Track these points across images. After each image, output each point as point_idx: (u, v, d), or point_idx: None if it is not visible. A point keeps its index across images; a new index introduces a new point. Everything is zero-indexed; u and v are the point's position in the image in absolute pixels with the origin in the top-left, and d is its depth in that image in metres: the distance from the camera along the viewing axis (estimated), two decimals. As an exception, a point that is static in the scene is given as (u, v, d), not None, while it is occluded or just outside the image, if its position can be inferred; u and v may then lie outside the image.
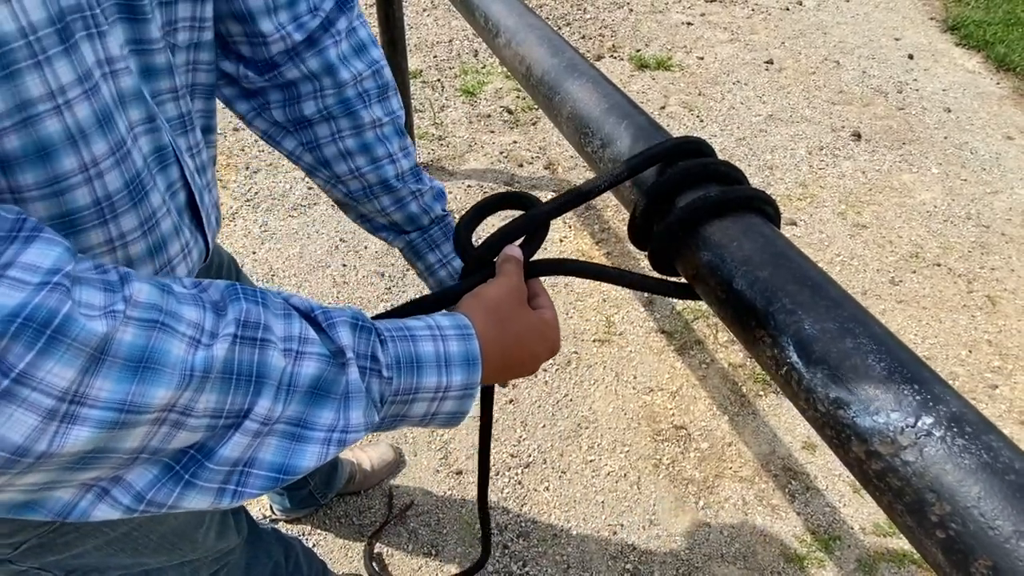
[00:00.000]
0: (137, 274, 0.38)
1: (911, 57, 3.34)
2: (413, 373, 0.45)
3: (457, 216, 0.81)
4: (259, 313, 0.40)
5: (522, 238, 0.63)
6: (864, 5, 3.80)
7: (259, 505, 1.57)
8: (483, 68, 3.05)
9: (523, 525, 1.58)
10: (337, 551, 1.52)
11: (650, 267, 0.66)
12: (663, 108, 2.92)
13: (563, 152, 2.64)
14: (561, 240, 2.30)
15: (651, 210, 0.62)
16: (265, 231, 2.24)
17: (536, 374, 1.88)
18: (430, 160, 2.55)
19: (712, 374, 1.92)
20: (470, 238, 0.63)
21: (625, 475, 1.69)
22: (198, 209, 0.63)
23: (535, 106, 2.86)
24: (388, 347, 0.45)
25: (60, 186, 0.46)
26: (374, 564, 1.47)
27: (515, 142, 2.68)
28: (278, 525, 1.54)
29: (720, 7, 3.68)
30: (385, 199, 0.76)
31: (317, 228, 2.26)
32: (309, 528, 1.55)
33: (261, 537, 1.04)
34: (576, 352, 1.95)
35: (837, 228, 2.41)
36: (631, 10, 3.59)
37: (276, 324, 0.40)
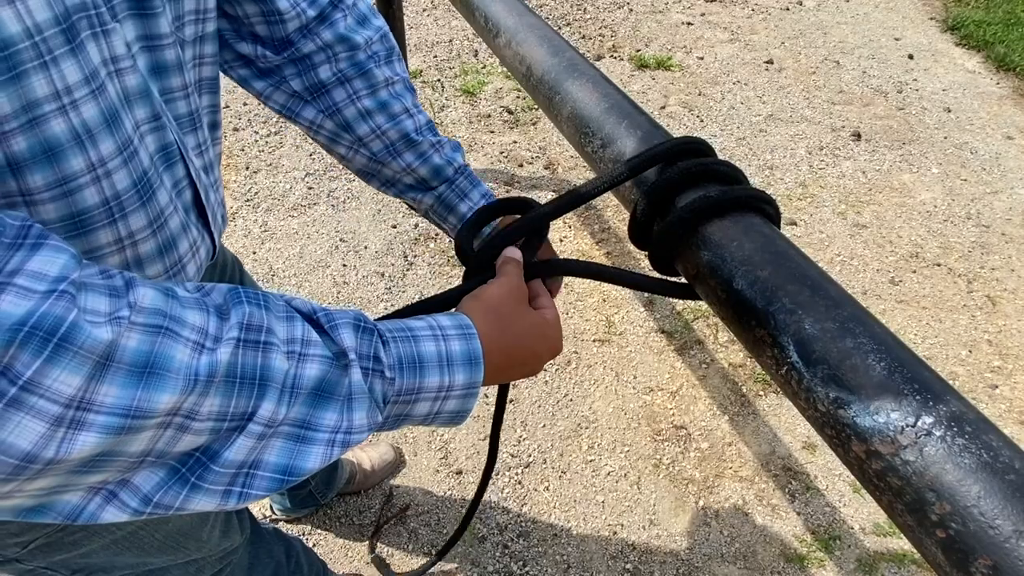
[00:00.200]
0: (141, 279, 0.38)
1: (911, 57, 3.34)
2: (416, 373, 0.45)
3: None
4: (262, 316, 0.40)
5: (522, 240, 0.63)
6: (864, 5, 3.80)
7: (259, 505, 1.57)
8: (483, 68, 3.05)
9: (523, 525, 1.58)
10: (337, 551, 1.52)
11: (650, 267, 0.66)
12: (663, 108, 2.92)
13: (563, 152, 2.64)
14: (561, 240, 2.30)
15: (651, 210, 0.62)
16: (265, 231, 2.24)
17: (536, 374, 1.88)
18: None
19: (712, 374, 1.92)
20: (471, 243, 0.63)
21: (625, 475, 1.69)
22: (204, 207, 0.63)
23: (535, 106, 2.86)
24: (390, 347, 0.45)
25: (69, 186, 0.46)
26: (375, 565, 1.47)
27: (515, 142, 2.68)
28: (278, 525, 1.54)
29: (720, 7, 3.68)
30: (408, 155, 0.76)
31: (317, 228, 2.26)
32: (309, 528, 1.55)
33: (263, 537, 1.05)
34: (576, 352, 1.95)
35: (837, 228, 2.41)
36: (631, 10, 3.59)
37: (279, 327, 0.40)
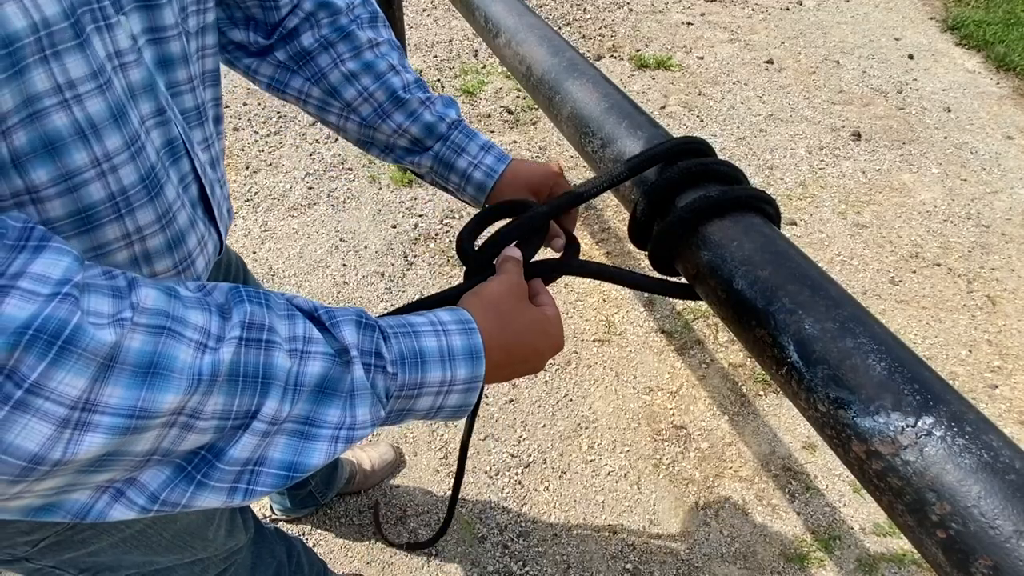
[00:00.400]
0: (144, 279, 0.38)
1: (911, 57, 3.34)
2: (417, 368, 0.45)
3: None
4: (263, 315, 0.40)
5: (522, 239, 0.63)
6: (864, 5, 3.80)
7: (259, 505, 1.57)
8: (483, 68, 3.05)
9: (523, 525, 1.58)
10: (337, 551, 1.52)
11: (650, 267, 0.66)
12: (663, 108, 2.92)
13: (563, 152, 2.64)
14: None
15: (651, 210, 0.62)
16: (265, 231, 2.24)
17: (536, 374, 1.88)
18: (430, 160, 2.55)
19: (712, 374, 1.92)
20: (472, 243, 0.64)
21: (625, 475, 1.69)
22: (210, 202, 0.63)
23: (535, 106, 2.86)
24: (392, 343, 0.45)
25: (74, 181, 0.46)
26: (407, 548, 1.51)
27: (515, 142, 2.68)
28: (278, 525, 1.54)
29: (720, 7, 3.67)
30: (398, 115, 0.76)
31: (317, 228, 2.26)
32: (309, 528, 1.55)
33: (266, 536, 1.05)
34: (576, 352, 1.95)
35: (837, 228, 2.41)
36: (631, 10, 3.58)
37: (280, 325, 0.41)
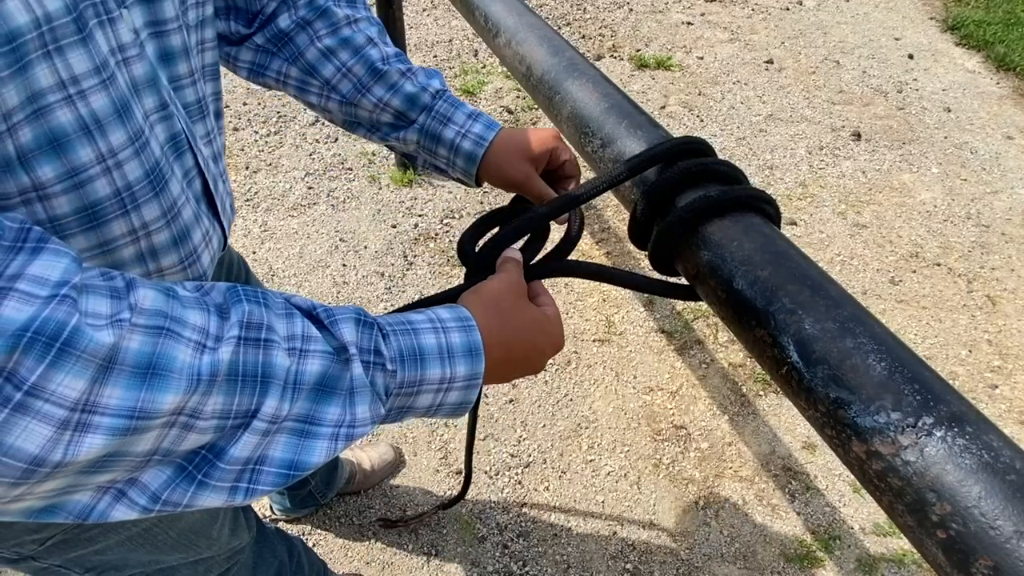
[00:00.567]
0: (142, 280, 0.38)
1: (911, 57, 3.34)
2: (417, 365, 0.45)
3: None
4: (262, 314, 0.40)
5: (523, 241, 0.63)
6: (864, 5, 3.80)
7: (259, 505, 1.57)
8: (483, 68, 3.05)
9: (523, 525, 1.58)
10: (337, 551, 1.52)
11: (650, 267, 0.66)
12: (663, 108, 2.92)
13: (563, 152, 2.64)
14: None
15: (651, 210, 0.62)
16: (265, 231, 2.24)
17: (536, 374, 1.88)
18: (430, 160, 2.55)
19: (712, 374, 1.92)
20: (472, 245, 0.64)
21: (625, 475, 1.69)
22: (213, 197, 0.63)
23: (535, 106, 2.85)
24: (391, 341, 0.45)
25: (79, 178, 0.46)
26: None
27: (515, 142, 2.68)
28: (279, 525, 1.54)
29: (720, 7, 3.67)
30: (378, 88, 0.74)
31: (317, 228, 2.26)
32: (309, 528, 1.55)
33: (267, 536, 1.05)
34: (576, 352, 1.95)
35: (837, 228, 2.41)
36: (631, 10, 3.58)
37: (279, 324, 0.41)
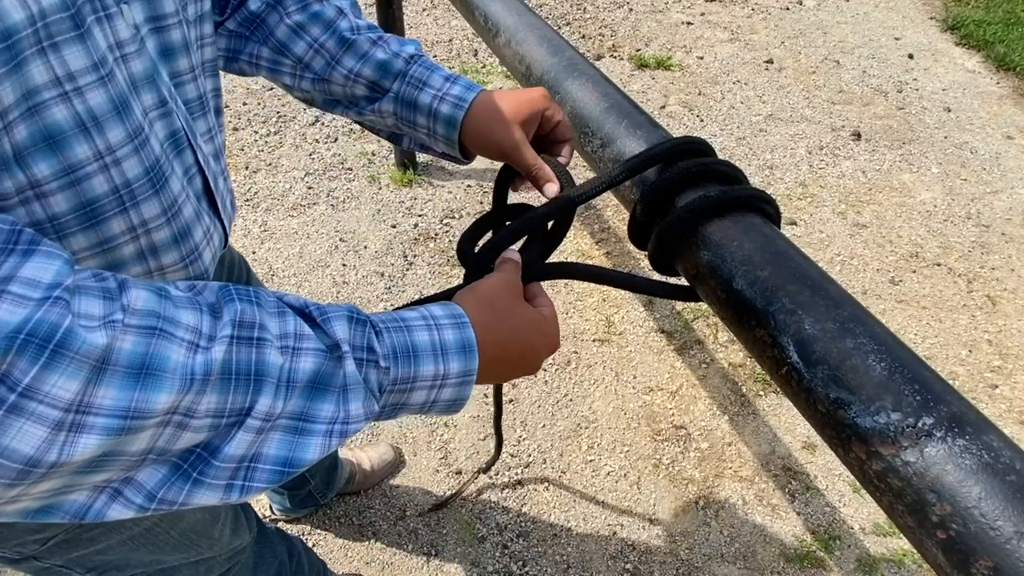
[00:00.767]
0: (134, 280, 0.38)
1: (911, 57, 3.34)
2: (410, 362, 0.45)
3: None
4: (254, 313, 0.40)
5: (521, 242, 0.63)
6: (864, 4, 3.79)
7: (259, 506, 1.57)
8: (483, 68, 3.05)
9: (523, 525, 1.58)
10: (337, 551, 1.52)
11: (650, 267, 0.66)
12: (663, 108, 2.92)
13: (563, 152, 2.64)
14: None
15: (651, 210, 0.62)
16: (265, 231, 2.24)
17: (536, 374, 1.88)
18: (429, 160, 2.55)
19: (712, 374, 1.92)
20: (472, 248, 0.64)
21: (625, 475, 1.69)
22: (213, 195, 0.63)
23: (535, 106, 2.85)
24: (384, 338, 0.45)
25: (76, 175, 0.46)
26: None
27: (515, 142, 2.68)
28: (278, 525, 1.54)
29: (720, 7, 3.67)
30: (348, 59, 0.71)
31: (317, 228, 2.26)
32: (309, 528, 1.55)
33: (267, 536, 1.05)
34: (576, 352, 1.95)
35: (837, 228, 2.40)
36: (631, 10, 3.58)
37: (271, 322, 0.41)
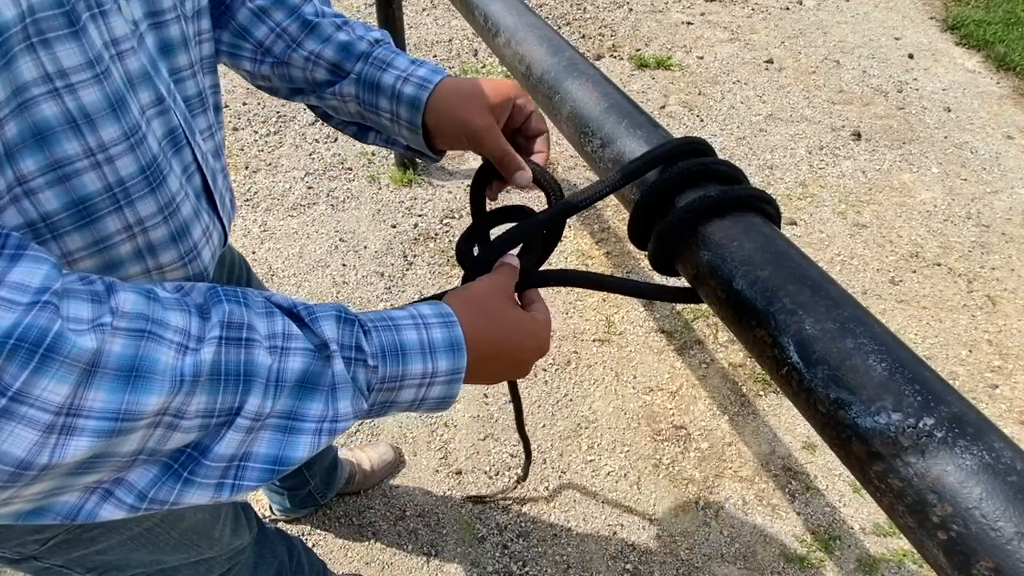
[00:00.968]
0: (122, 283, 0.38)
1: (911, 57, 3.34)
2: (398, 361, 0.46)
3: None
4: (242, 313, 0.41)
5: (519, 248, 0.63)
6: (864, 4, 3.79)
7: (259, 506, 1.57)
8: (483, 68, 3.05)
9: (523, 525, 1.58)
10: (337, 551, 1.52)
11: (650, 267, 0.65)
12: (663, 108, 2.92)
13: (563, 151, 2.64)
14: (561, 240, 2.29)
15: (651, 210, 0.61)
16: (265, 231, 2.24)
17: (536, 374, 1.88)
18: (430, 160, 2.55)
19: (712, 374, 1.92)
20: (471, 250, 0.63)
21: (625, 475, 1.69)
22: (212, 193, 0.63)
23: (535, 106, 2.84)
24: (372, 337, 0.45)
25: (65, 171, 0.46)
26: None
27: (515, 142, 2.68)
28: (278, 525, 1.54)
29: (720, 6, 3.67)
30: (309, 42, 0.68)
31: (316, 228, 2.26)
32: (309, 528, 1.55)
33: (267, 536, 1.05)
34: (576, 352, 1.95)
35: (837, 228, 2.40)
36: (631, 9, 3.58)
37: (259, 323, 0.41)
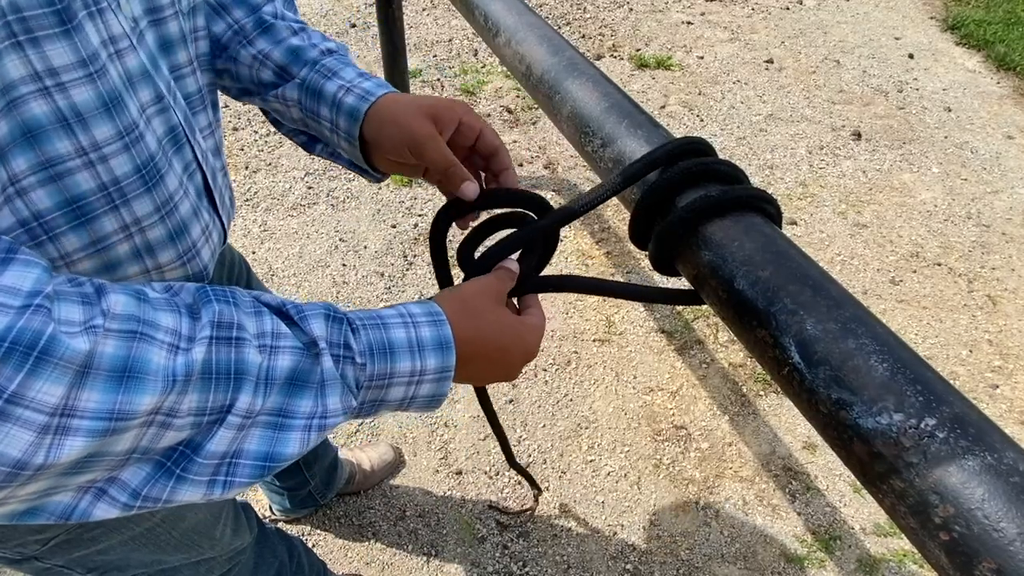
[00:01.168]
0: (111, 284, 0.38)
1: (911, 56, 3.34)
2: (386, 359, 0.46)
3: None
4: (232, 313, 0.41)
5: (519, 252, 0.63)
6: (864, 4, 3.79)
7: (259, 506, 1.57)
8: (483, 67, 3.05)
9: (523, 525, 1.58)
10: (337, 551, 1.52)
11: (650, 267, 0.65)
12: (663, 107, 2.92)
13: (563, 151, 2.64)
14: (561, 239, 2.29)
15: (652, 210, 0.61)
16: (264, 231, 2.24)
17: (536, 374, 1.88)
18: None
19: (712, 374, 1.92)
20: (472, 254, 0.63)
21: (625, 475, 1.69)
22: (212, 191, 0.63)
23: (535, 105, 2.85)
24: (360, 335, 0.46)
25: (56, 170, 0.46)
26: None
27: (515, 141, 2.68)
28: (278, 525, 1.54)
29: (720, 6, 3.67)
30: (261, 41, 0.67)
31: (316, 228, 2.26)
32: (309, 528, 1.55)
33: (268, 537, 1.05)
34: (576, 352, 1.95)
35: (837, 227, 2.40)
36: (631, 9, 3.58)
37: (249, 322, 0.41)
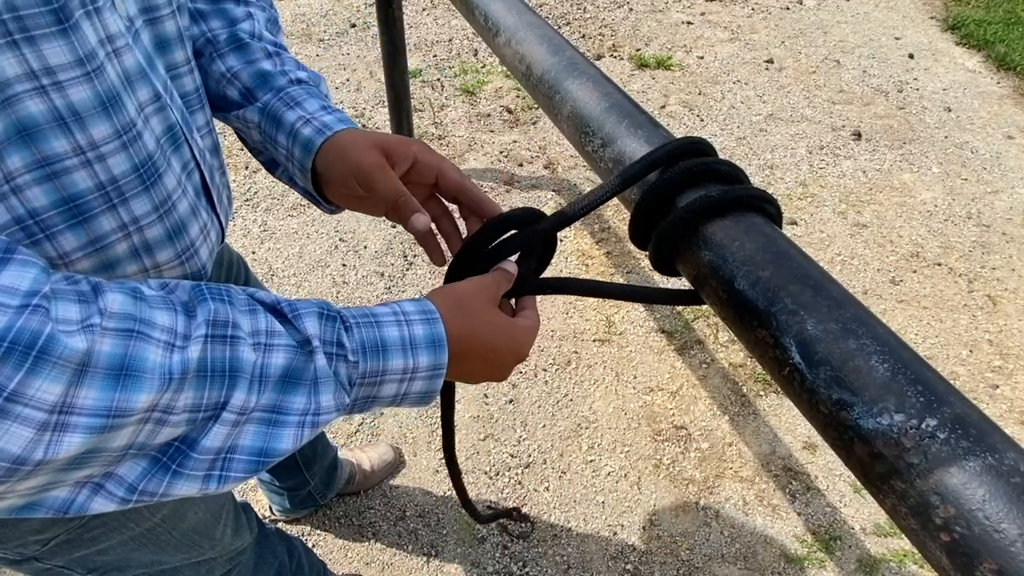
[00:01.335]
0: (108, 283, 0.39)
1: (911, 56, 3.34)
2: (379, 356, 0.46)
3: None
4: (227, 311, 0.42)
5: (518, 254, 0.63)
6: (864, 4, 3.79)
7: (259, 506, 1.57)
8: (483, 67, 3.05)
9: (523, 525, 1.57)
10: (337, 551, 1.52)
11: (650, 267, 0.65)
12: (663, 107, 2.92)
13: (563, 151, 2.64)
14: (561, 239, 2.29)
15: (652, 210, 0.61)
16: (264, 231, 2.24)
17: (536, 374, 1.88)
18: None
19: (712, 374, 1.92)
20: (472, 255, 0.63)
21: (625, 475, 1.68)
22: (210, 190, 0.63)
23: (535, 105, 2.85)
24: (353, 333, 0.46)
25: (53, 168, 0.46)
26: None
27: (515, 141, 2.68)
28: (278, 525, 1.54)
29: (720, 6, 3.67)
30: (231, 58, 0.66)
31: (316, 228, 2.26)
32: (309, 528, 1.55)
33: (268, 537, 1.05)
34: (576, 352, 1.95)
35: (837, 227, 2.40)
36: (631, 9, 3.58)
37: (243, 320, 0.42)
